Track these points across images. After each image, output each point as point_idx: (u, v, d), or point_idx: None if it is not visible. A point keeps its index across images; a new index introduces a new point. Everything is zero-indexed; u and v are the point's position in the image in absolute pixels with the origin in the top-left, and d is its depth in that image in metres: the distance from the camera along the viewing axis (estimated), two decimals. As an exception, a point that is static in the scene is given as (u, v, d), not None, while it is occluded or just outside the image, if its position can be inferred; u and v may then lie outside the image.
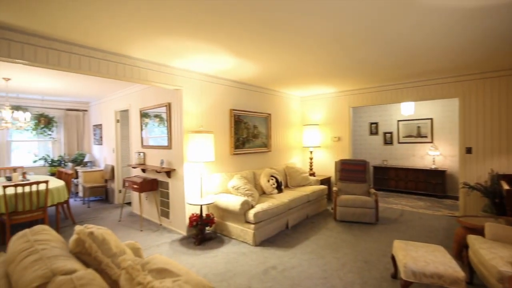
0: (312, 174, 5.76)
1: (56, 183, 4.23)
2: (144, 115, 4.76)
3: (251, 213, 3.49)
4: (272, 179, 4.54)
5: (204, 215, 3.72)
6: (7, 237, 3.39)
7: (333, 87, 5.36)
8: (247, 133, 4.92)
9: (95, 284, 1.02)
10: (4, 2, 1.97)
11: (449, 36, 2.70)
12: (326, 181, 5.74)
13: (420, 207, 5.31)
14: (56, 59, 2.69)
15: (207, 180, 4.12)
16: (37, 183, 3.64)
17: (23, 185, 3.51)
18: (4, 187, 3.39)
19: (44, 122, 6.47)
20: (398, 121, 6.98)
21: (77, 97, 6.23)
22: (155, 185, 4.40)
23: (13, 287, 1.26)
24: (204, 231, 3.68)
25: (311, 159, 5.96)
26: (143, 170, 4.72)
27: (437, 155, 6.28)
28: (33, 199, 3.63)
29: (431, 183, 6.16)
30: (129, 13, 2.14)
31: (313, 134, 5.88)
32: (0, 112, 4.42)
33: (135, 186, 4.27)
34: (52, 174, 6.14)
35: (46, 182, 3.74)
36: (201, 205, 3.64)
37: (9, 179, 4.35)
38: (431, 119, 6.46)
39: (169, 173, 4.10)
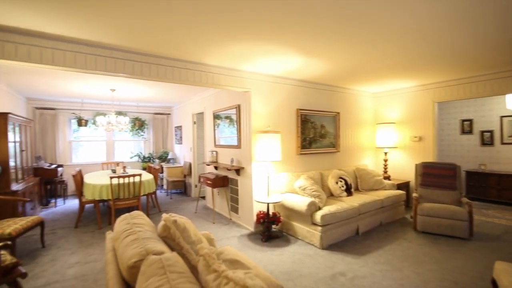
0: (387, 178, 5.25)
1: (147, 176, 4.96)
2: (216, 116, 5.16)
3: (318, 215, 3.41)
4: (341, 181, 4.33)
5: (270, 213, 3.80)
6: (112, 219, 4.15)
7: (412, 81, 4.77)
8: (314, 132, 4.81)
9: (179, 266, 1.16)
10: (116, 30, 2.42)
11: None
12: (404, 186, 5.15)
13: (535, 224, 4.25)
14: (148, 70, 3.16)
15: (273, 179, 4.20)
16: (134, 175, 4.35)
17: (123, 177, 4.24)
18: (111, 178, 4.16)
19: (138, 124, 7.69)
20: (502, 117, 5.73)
21: (162, 102, 7.18)
22: (226, 182, 4.71)
23: (117, 259, 1.54)
24: (271, 228, 3.76)
25: (385, 161, 5.43)
26: (216, 168, 5.12)
27: (562, 159, 4.91)
28: (130, 189, 4.35)
29: (553, 195, 4.85)
30: (205, 25, 2.36)
31: (388, 134, 5.35)
32: (108, 117, 5.44)
33: (209, 182, 4.67)
34: (144, 169, 7.24)
35: (140, 175, 4.43)
36: (268, 203, 3.73)
37: (113, 171, 5.31)
38: (554, 113, 5.09)
39: (238, 171, 4.34)
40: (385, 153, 5.44)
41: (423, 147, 5.09)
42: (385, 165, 5.42)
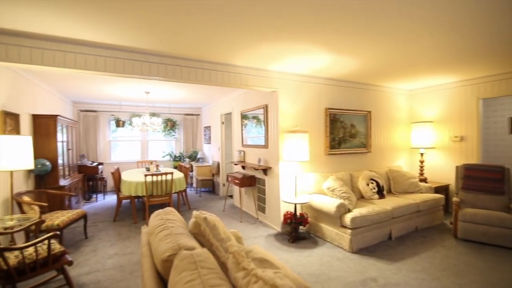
0: (423, 180, 4.93)
1: (178, 174, 5.17)
2: (244, 117, 5.22)
3: (347, 218, 3.30)
4: (372, 183, 4.15)
5: (298, 214, 3.76)
6: (147, 214, 4.39)
7: (453, 76, 4.42)
8: (344, 132, 4.67)
9: (209, 262, 1.20)
10: (151, 36, 2.56)
11: None
12: (442, 189, 4.81)
13: None
14: (179, 73, 3.29)
15: (301, 179, 4.15)
16: (166, 174, 4.56)
17: (157, 175, 4.47)
18: (145, 175, 4.40)
19: (170, 125, 8.03)
20: (562, 114, 5.10)
21: (192, 103, 7.43)
22: (253, 181, 4.75)
23: (152, 252, 1.63)
24: (298, 229, 3.72)
25: (421, 162, 5.10)
26: (243, 167, 5.18)
27: None
28: (163, 186, 4.56)
29: None
30: (235, 27, 2.40)
31: (424, 133, 5.03)
32: (142, 118, 5.76)
33: (236, 181, 4.74)
34: (175, 167, 7.55)
35: (172, 173, 4.63)
36: (295, 204, 3.70)
37: (147, 169, 5.61)
38: None
39: (265, 170, 4.35)
40: (421, 154, 5.12)
41: (465, 148, 4.70)
42: (421, 167, 5.10)
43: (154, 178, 4.45)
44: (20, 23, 2.29)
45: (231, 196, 6.34)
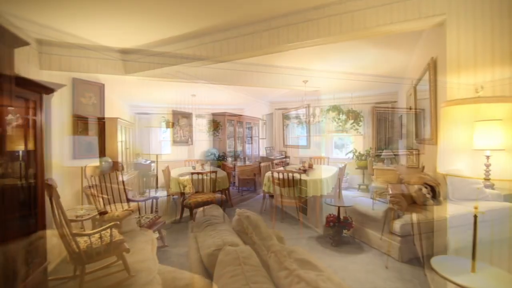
0: (489, 186, 4.34)
1: (221, 173, 5.37)
2: (285, 117, 5.21)
3: (397, 224, 3.08)
4: (425, 188, 3.80)
5: (341, 217, 3.63)
6: (193, 210, 4.65)
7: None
8: (392, 132, 4.35)
9: (252, 259, 1.23)
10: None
11: None
12: (514, 198, 4.17)
13: None
14: (229, 77, 3.42)
15: (345, 181, 3.99)
16: (210, 172, 4.77)
17: (202, 173, 4.71)
18: (192, 173, 4.67)
19: (214, 125, 8.39)
20: None
21: (234, 105, 7.65)
22: (294, 182, 4.70)
23: (199, 246, 1.73)
24: (341, 233, 3.59)
25: (487, 166, 4.48)
26: (284, 167, 5.17)
27: None
28: (207, 184, 4.79)
29: None
30: (279, 31, 2.42)
31: (491, 132, 4.39)
32: (191, 119, 6.11)
33: (277, 181, 4.74)
34: (218, 166, 7.85)
35: (215, 172, 4.83)
36: (338, 207, 3.57)
37: (194, 168, 5.93)
38: None
39: (307, 171, 4.28)
40: (487, 157, 4.49)
41: (545, 150, 4.02)
42: (487, 171, 4.48)
43: (200, 176, 4.70)
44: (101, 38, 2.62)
45: (271, 196, 6.35)
